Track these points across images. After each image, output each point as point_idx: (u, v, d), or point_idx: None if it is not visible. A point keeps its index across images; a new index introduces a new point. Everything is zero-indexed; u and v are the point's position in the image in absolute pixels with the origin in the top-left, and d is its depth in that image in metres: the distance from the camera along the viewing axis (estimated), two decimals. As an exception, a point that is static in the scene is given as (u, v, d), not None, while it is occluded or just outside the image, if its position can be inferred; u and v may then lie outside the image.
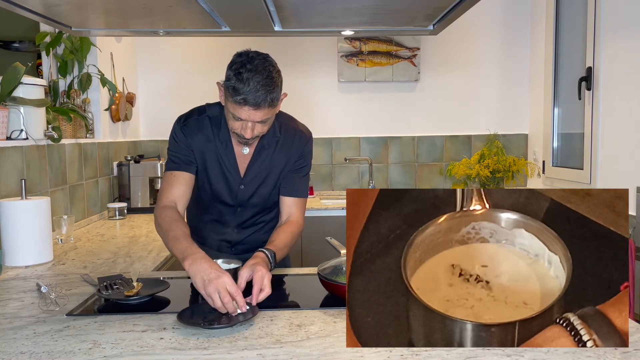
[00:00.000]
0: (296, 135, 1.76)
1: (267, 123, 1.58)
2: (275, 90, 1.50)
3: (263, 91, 1.46)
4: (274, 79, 1.49)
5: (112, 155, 3.21)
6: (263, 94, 1.47)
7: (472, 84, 3.84)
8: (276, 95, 1.51)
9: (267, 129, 1.61)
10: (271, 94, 1.48)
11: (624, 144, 2.70)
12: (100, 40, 3.04)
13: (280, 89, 1.53)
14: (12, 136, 2.21)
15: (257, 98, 1.47)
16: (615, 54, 2.75)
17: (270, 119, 1.58)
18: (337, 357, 1.06)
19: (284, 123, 1.75)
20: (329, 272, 1.47)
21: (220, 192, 1.74)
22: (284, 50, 3.77)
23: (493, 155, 3.51)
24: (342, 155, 3.85)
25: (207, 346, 1.12)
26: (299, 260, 3.21)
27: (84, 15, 1.82)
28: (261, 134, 1.61)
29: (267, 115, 1.53)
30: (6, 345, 1.15)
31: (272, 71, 1.50)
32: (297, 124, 1.80)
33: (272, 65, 1.51)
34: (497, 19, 3.80)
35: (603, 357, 1.03)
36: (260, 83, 1.46)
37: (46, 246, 1.94)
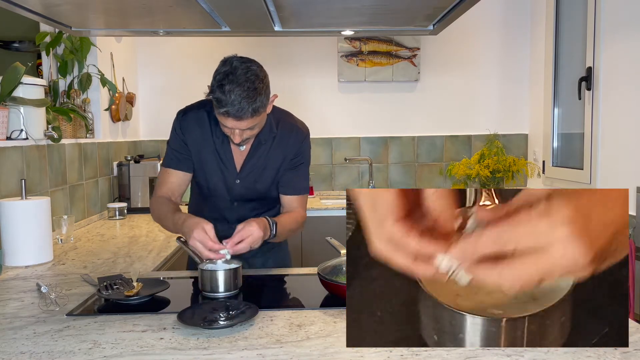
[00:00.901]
0: (293, 131, 1.78)
1: (255, 128, 1.61)
2: (257, 99, 1.50)
3: (245, 103, 1.47)
4: (257, 89, 1.49)
5: (112, 155, 3.21)
6: (245, 105, 1.48)
7: (472, 84, 3.84)
8: (260, 104, 1.51)
9: (257, 131, 1.65)
10: (253, 104, 1.49)
11: (624, 144, 2.70)
12: (100, 40, 3.04)
13: (265, 96, 1.53)
14: (12, 136, 2.21)
15: (239, 111, 1.48)
16: (615, 54, 2.75)
17: (258, 124, 1.61)
18: (337, 357, 1.06)
19: (281, 119, 1.77)
20: (329, 272, 1.47)
21: (216, 187, 1.77)
22: (284, 50, 3.77)
23: (493, 155, 3.51)
24: (342, 155, 3.85)
25: (207, 346, 1.12)
26: (299, 260, 3.21)
27: (84, 15, 1.82)
28: (251, 137, 1.65)
29: (252, 123, 1.55)
30: (6, 345, 1.15)
31: (255, 81, 1.49)
32: (295, 120, 1.82)
33: (256, 75, 1.51)
34: (497, 19, 3.80)
35: (603, 357, 1.03)
36: (241, 95, 1.47)
37: (46, 246, 1.94)
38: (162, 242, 2.31)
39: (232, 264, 1.51)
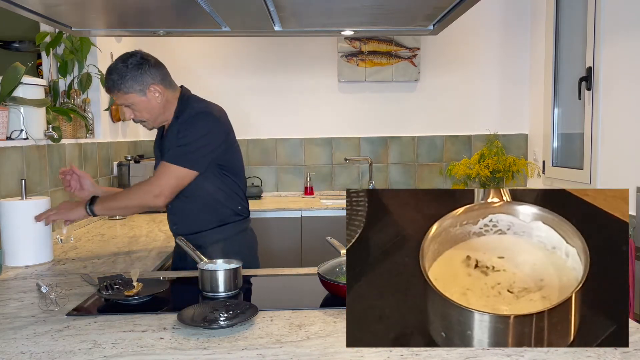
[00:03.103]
0: (188, 112, 1.86)
1: (133, 109, 1.84)
2: (112, 77, 1.79)
3: (107, 78, 1.82)
4: (118, 69, 1.79)
5: (112, 155, 3.21)
6: (107, 80, 1.82)
7: (472, 84, 3.84)
8: (116, 83, 1.79)
9: (142, 115, 1.86)
10: (109, 81, 1.81)
11: (624, 144, 2.70)
12: (100, 40, 3.04)
13: (124, 79, 1.78)
14: (12, 136, 2.21)
15: (105, 82, 1.84)
16: (615, 54, 2.75)
17: (135, 106, 1.83)
18: (337, 357, 1.06)
19: (189, 105, 1.88)
20: (329, 272, 1.47)
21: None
22: (284, 50, 3.77)
23: (493, 155, 3.51)
24: (342, 155, 3.85)
25: (207, 346, 1.12)
26: (299, 260, 3.21)
27: (84, 15, 1.82)
28: (138, 119, 1.87)
29: (122, 100, 1.82)
30: (6, 345, 1.15)
31: (120, 63, 1.79)
32: (199, 103, 1.90)
33: (125, 60, 1.80)
34: (497, 19, 3.80)
35: (603, 357, 1.03)
36: (107, 71, 1.82)
37: (46, 246, 1.94)
38: (162, 242, 2.31)
39: (232, 264, 1.51)
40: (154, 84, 1.82)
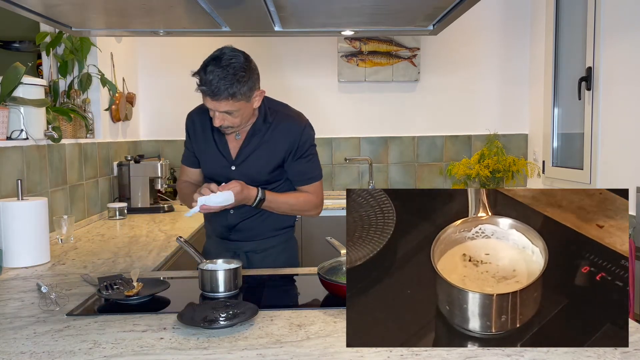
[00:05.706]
0: (288, 121, 1.83)
1: (236, 115, 1.68)
2: (235, 85, 1.59)
3: (222, 84, 1.58)
4: (237, 76, 1.59)
5: (112, 155, 3.21)
6: (222, 87, 1.58)
7: (472, 84, 3.84)
8: (237, 90, 1.60)
9: (240, 121, 1.71)
10: (230, 88, 1.59)
11: (624, 144, 2.70)
12: (101, 40, 3.04)
13: (246, 86, 1.62)
14: (12, 136, 2.21)
15: (215, 90, 1.59)
16: (615, 54, 2.75)
17: (238, 112, 1.67)
18: (337, 357, 1.06)
19: (275, 110, 1.84)
20: (329, 272, 1.47)
21: (213, 174, 1.85)
22: (284, 50, 3.77)
23: (493, 155, 3.51)
24: (342, 155, 3.85)
25: (207, 346, 1.12)
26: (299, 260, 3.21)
27: (84, 15, 1.82)
28: (234, 125, 1.71)
29: (229, 107, 1.63)
30: (6, 345, 1.15)
31: (238, 68, 1.59)
32: (289, 110, 1.89)
33: (240, 63, 1.61)
34: (497, 19, 3.80)
35: (603, 357, 1.03)
36: (219, 76, 1.58)
37: (43, 248, 1.92)
38: (162, 242, 2.31)
39: (232, 264, 1.51)
40: (258, 89, 1.71)
